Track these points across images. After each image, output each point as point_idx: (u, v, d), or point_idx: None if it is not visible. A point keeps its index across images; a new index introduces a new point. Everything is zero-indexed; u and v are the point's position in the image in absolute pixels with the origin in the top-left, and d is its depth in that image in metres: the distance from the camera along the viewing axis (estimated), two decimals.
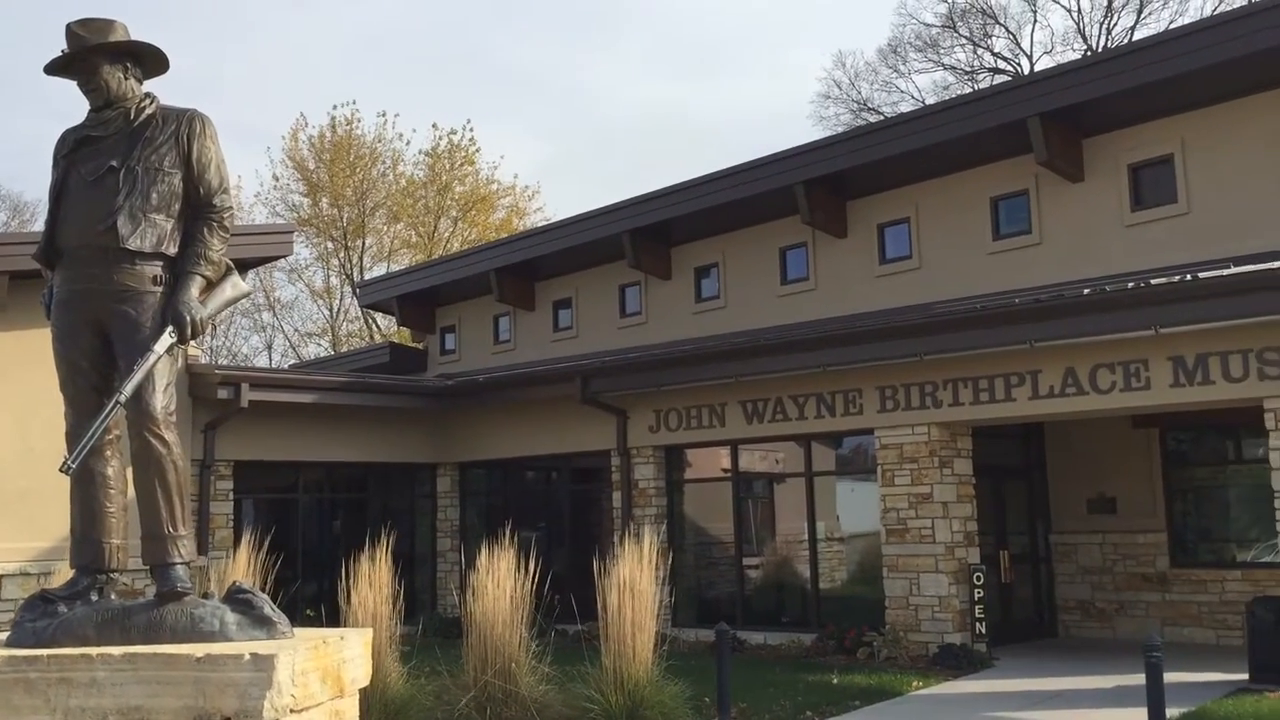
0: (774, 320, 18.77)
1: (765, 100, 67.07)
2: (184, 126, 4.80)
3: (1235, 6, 26.95)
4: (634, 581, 10.36)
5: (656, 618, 10.62)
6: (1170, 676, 11.02)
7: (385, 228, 41.70)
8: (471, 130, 42.50)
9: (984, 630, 13.89)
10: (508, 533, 10.86)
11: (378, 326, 41.53)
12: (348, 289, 41.62)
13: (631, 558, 10.44)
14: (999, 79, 38.12)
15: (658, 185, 20.62)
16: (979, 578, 14.01)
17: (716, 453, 17.39)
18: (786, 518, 16.85)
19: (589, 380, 17.44)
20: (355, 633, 4.77)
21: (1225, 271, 12.03)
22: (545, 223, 34.55)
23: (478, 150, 41.32)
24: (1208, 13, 35.15)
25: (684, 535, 17.74)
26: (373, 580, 10.57)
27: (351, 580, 10.60)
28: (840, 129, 40.39)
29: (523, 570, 10.46)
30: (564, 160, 64.00)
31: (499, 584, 10.38)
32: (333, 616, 11.02)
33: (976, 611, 13.90)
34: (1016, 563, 15.85)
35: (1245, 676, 11.53)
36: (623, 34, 72.59)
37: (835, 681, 12.37)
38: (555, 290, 23.35)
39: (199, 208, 4.80)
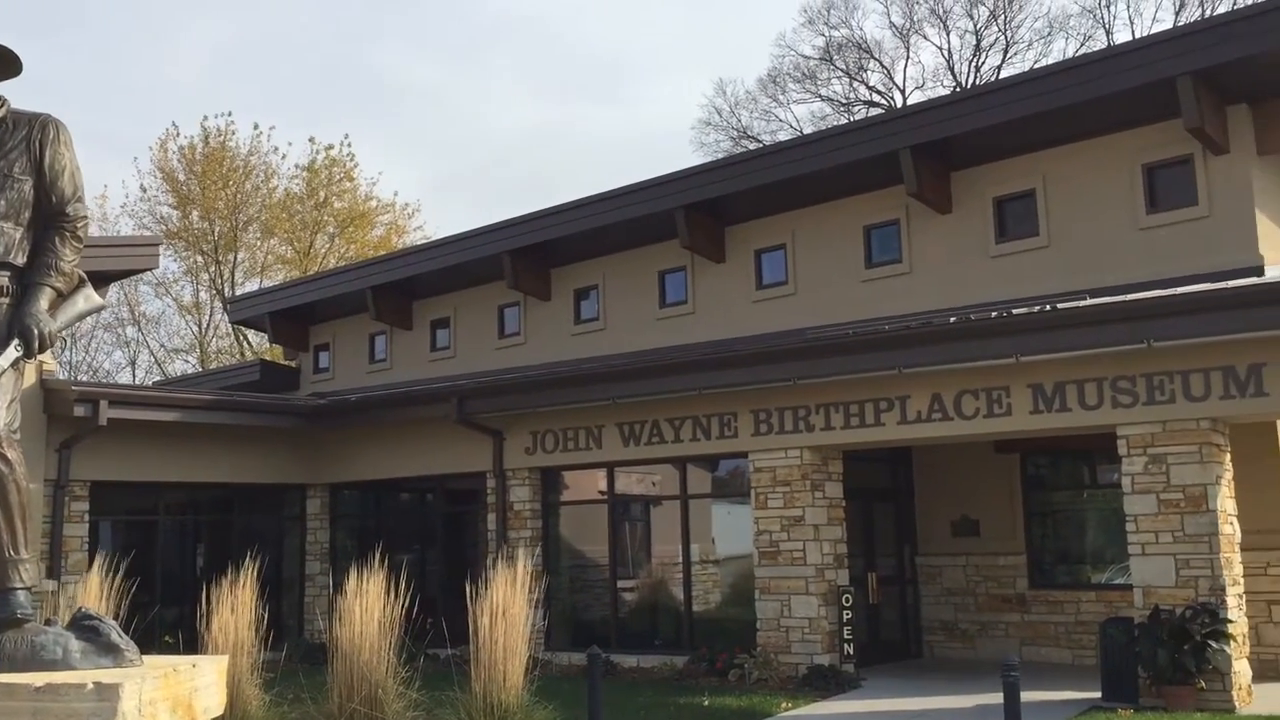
0: (653, 343, 18.88)
1: (648, 125, 67.65)
2: (36, 132, 4.60)
3: (1093, 50, 28.25)
4: (506, 605, 10.29)
5: (529, 641, 10.56)
6: (1028, 695, 11.37)
7: (259, 242, 40.71)
8: (350, 145, 41.72)
9: (852, 651, 14.13)
10: (378, 556, 10.65)
11: (249, 343, 40.46)
12: (218, 304, 40.46)
13: (504, 581, 10.37)
14: (873, 112, 39.17)
15: (540, 206, 20.60)
16: (848, 599, 14.26)
17: (593, 475, 17.37)
18: (663, 540, 16.90)
19: (465, 401, 17.27)
20: (209, 660, 4.60)
21: (1082, 303, 12.55)
22: (425, 241, 34.19)
23: (356, 165, 40.72)
24: (1069, 55, 36.76)
25: (559, 558, 17.66)
26: (235, 605, 10.28)
27: (213, 605, 10.29)
28: (721, 155, 40.96)
29: (393, 594, 10.29)
30: (446, 180, 63.48)
31: (367, 608, 10.19)
32: (192, 643, 10.66)
33: (845, 633, 14.15)
34: (884, 584, 16.18)
35: (1099, 695, 11.95)
36: (496, 54, 72.45)
37: (706, 704, 12.43)
38: (433, 310, 23.09)
39: (51, 216, 4.60)
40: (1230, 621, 11.44)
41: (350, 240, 40.35)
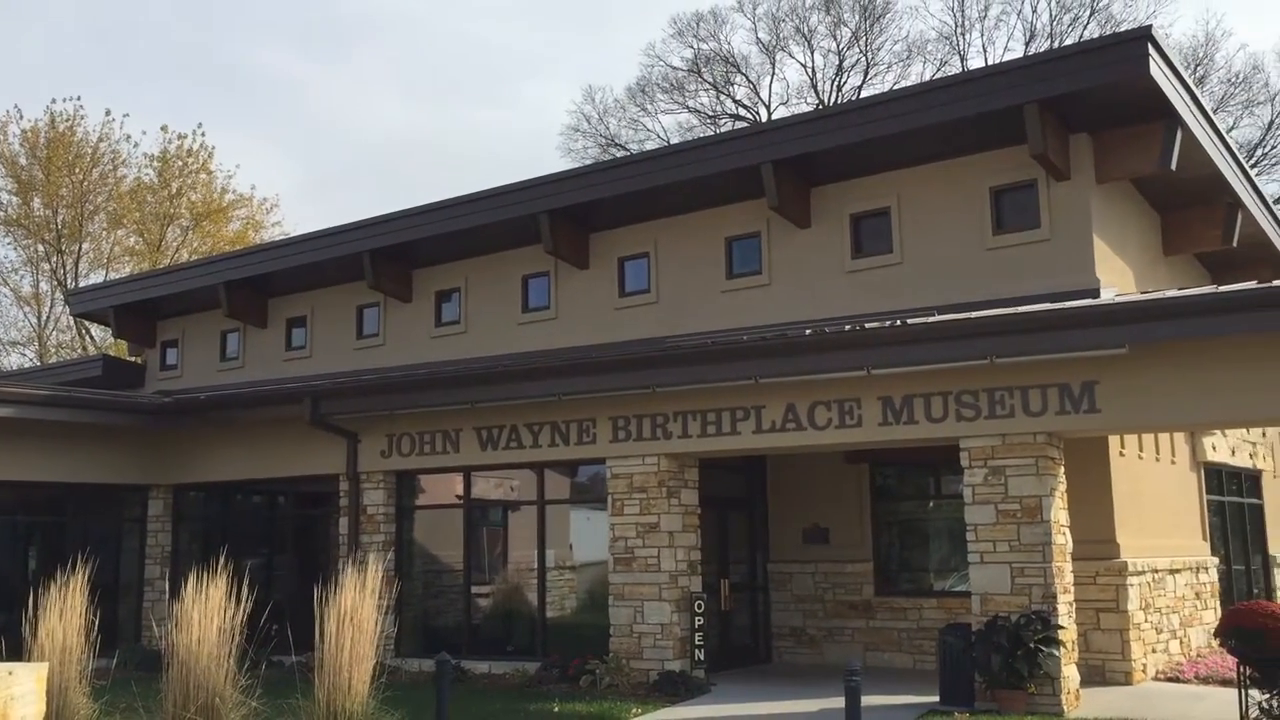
0: (515, 347, 18.79)
1: (515, 129, 67.38)
2: None
3: (947, 75, 29.28)
4: (355, 611, 10.08)
5: (377, 648, 10.36)
6: (870, 699, 11.69)
7: (106, 233, 39.08)
8: (204, 135, 40.36)
9: (702, 657, 14.28)
10: (222, 560, 10.31)
11: (92, 338, 38.80)
12: (59, 296, 38.68)
13: (354, 586, 10.15)
14: (739, 125, 39.82)
15: (406, 206, 20.28)
16: (700, 606, 14.42)
17: (450, 479, 17.18)
18: (520, 546, 16.81)
19: (320, 401, 16.88)
20: (26, 668, 4.40)
21: (930, 319, 12.97)
22: (283, 237, 33.33)
23: (211, 157, 39.45)
24: (926, 78, 38.02)
25: (413, 563, 17.40)
26: (64, 610, 9.82)
27: (40, 610, 9.81)
28: (588, 162, 41.09)
29: (235, 599, 9.97)
30: (309, 177, 62.03)
31: (208, 614, 9.84)
32: (17, 651, 10.12)
33: (697, 639, 14.29)
34: (736, 591, 16.41)
35: (937, 699, 12.34)
36: (358, 51, 71.24)
37: (556, 710, 12.41)
38: (290, 308, 22.52)
39: None
40: (1061, 628, 11.95)
41: (205, 234, 39.08)
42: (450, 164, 66.80)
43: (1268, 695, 11.03)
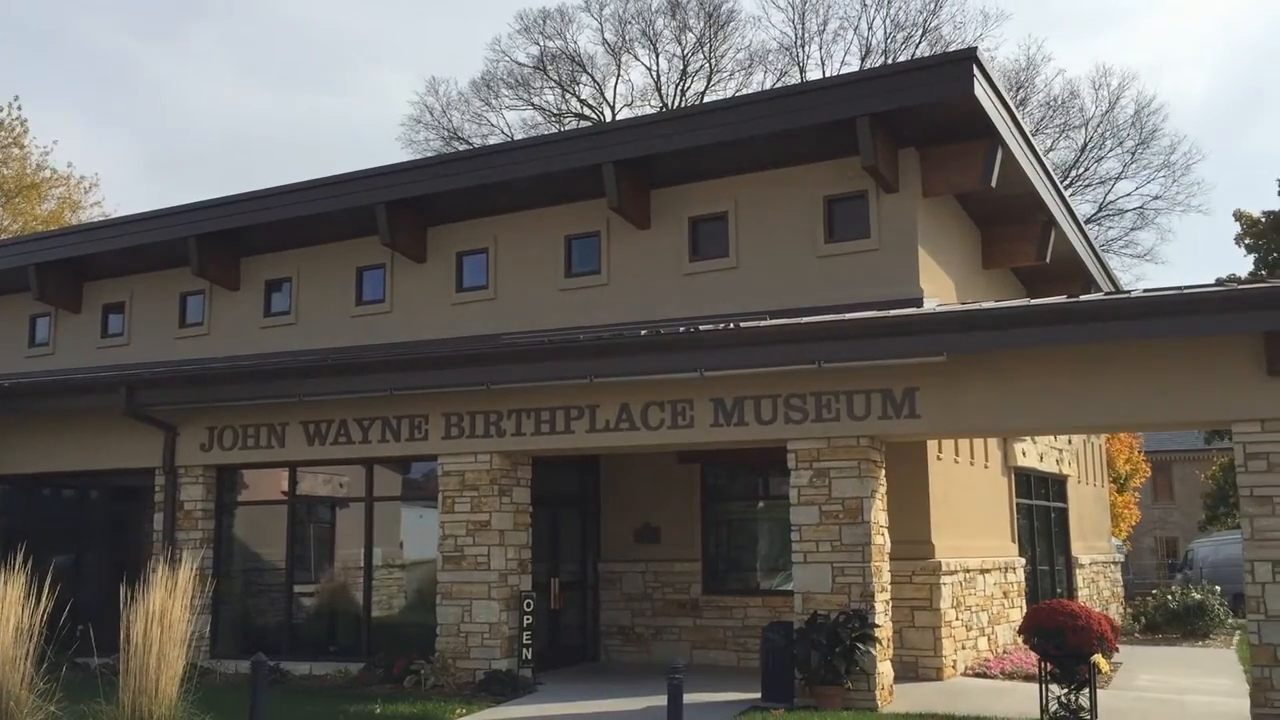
0: (348, 340, 18.36)
1: (356, 117, 65.93)
2: None
3: (785, 85, 29.95)
4: (165, 610, 9.67)
5: (190, 649, 9.96)
6: (694, 697, 11.84)
7: None
8: (20, 108, 38.14)
9: (530, 656, 14.23)
10: (20, 557, 9.75)
11: None
12: None
13: (165, 585, 9.74)
14: (583, 124, 39.87)
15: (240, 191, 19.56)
16: (529, 604, 14.36)
17: (276, 475, 16.66)
18: (347, 544, 16.43)
19: (136, 392, 16.15)
20: None
21: (761, 323, 13.23)
22: (103, 219, 31.78)
23: (25, 130, 37.30)
24: (766, 87, 38.82)
25: (232, 561, 16.81)
26: None
27: None
28: (430, 154, 40.47)
29: (34, 599, 9.45)
30: (148, 159, 59.33)
31: (3, 614, 9.30)
32: None
33: (525, 638, 14.23)
34: (566, 590, 16.40)
35: (759, 695, 12.59)
36: (195, 30, 68.67)
37: (378, 711, 12.16)
38: (107, 293, 21.45)
39: None
40: (877, 626, 12.35)
41: (17, 213, 36.91)
42: (290, 150, 64.90)
43: (1066, 690, 11.64)
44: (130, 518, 18.07)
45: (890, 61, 38.67)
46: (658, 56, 43.13)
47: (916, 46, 41.27)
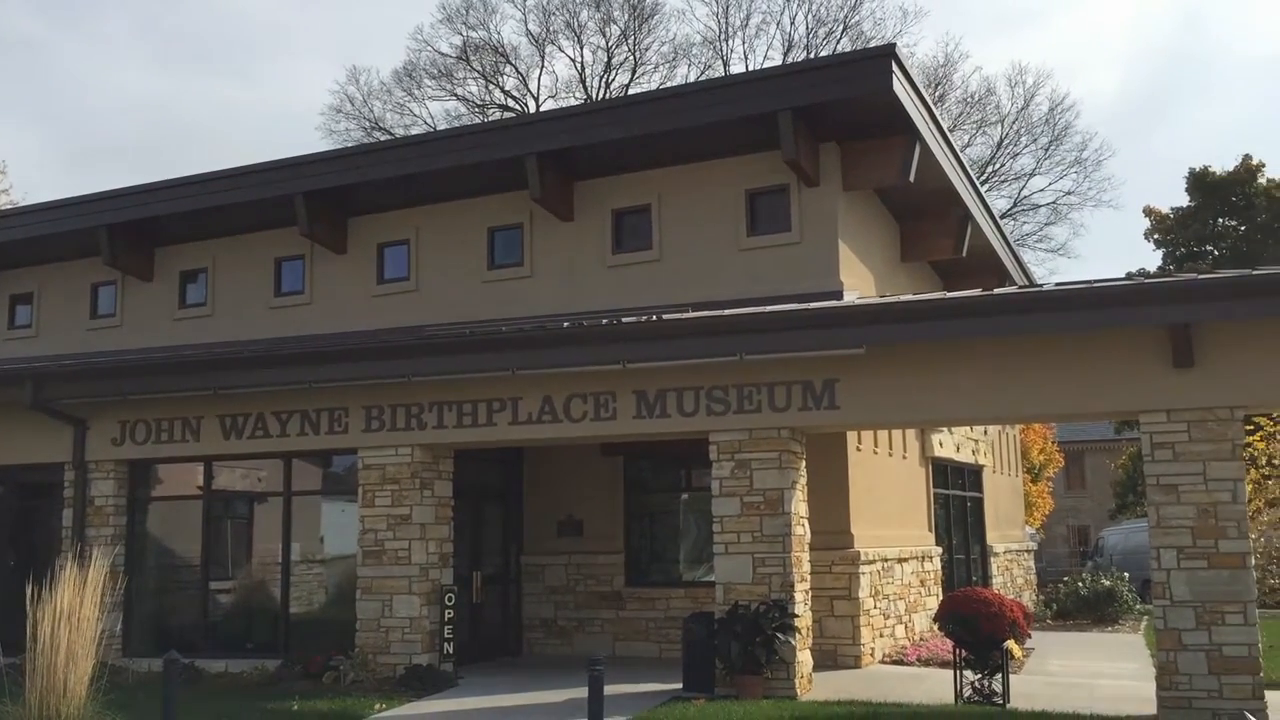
0: (266, 332, 18.06)
1: (275, 107, 64.83)
2: None
3: (709, 79, 30.11)
4: (75, 609, 9.46)
5: (101, 647, 9.77)
6: (616, 689, 11.89)
7: None
8: None
9: (451, 650, 14.15)
10: None
11: None
12: None
13: (74, 582, 9.53)
14: (507, 115, 39.63)
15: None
16: (451, 598, 14.27)
17: (191, 469, 16.35)
18: (266, 539, 16.19)
19: (43, 384, 15.74)
20: None
21: (684, 315, 13.28)
22: (9, 207, 30.86)
23: None
24: (690, 80, 38.94)
25: (146, 557, 16.46)
26: None
27: None
28: (350, 144, 39.93)
29: None
30: (49, 148, 57.72)
31: None
32: None
33: (446, 632, 14.14)
34: (489, 583, 16.32)
35: (680, 686, 12.66)
36: (112, 16, 67.01)
37: (296, 708, 11.99)
38: (14, 284, 20.84)
39: None
40: (796, 616, 12.48)
41: None
42: (209, 140, 63.57)
43: (980, 675, 11.91)
44: (39, 514, 17.59)
45: (812, 57, 39.02)
46: (582, 48, 43.06)
47: (838, 42, 41.75)
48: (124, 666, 14.24)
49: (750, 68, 40.58)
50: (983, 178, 42.80)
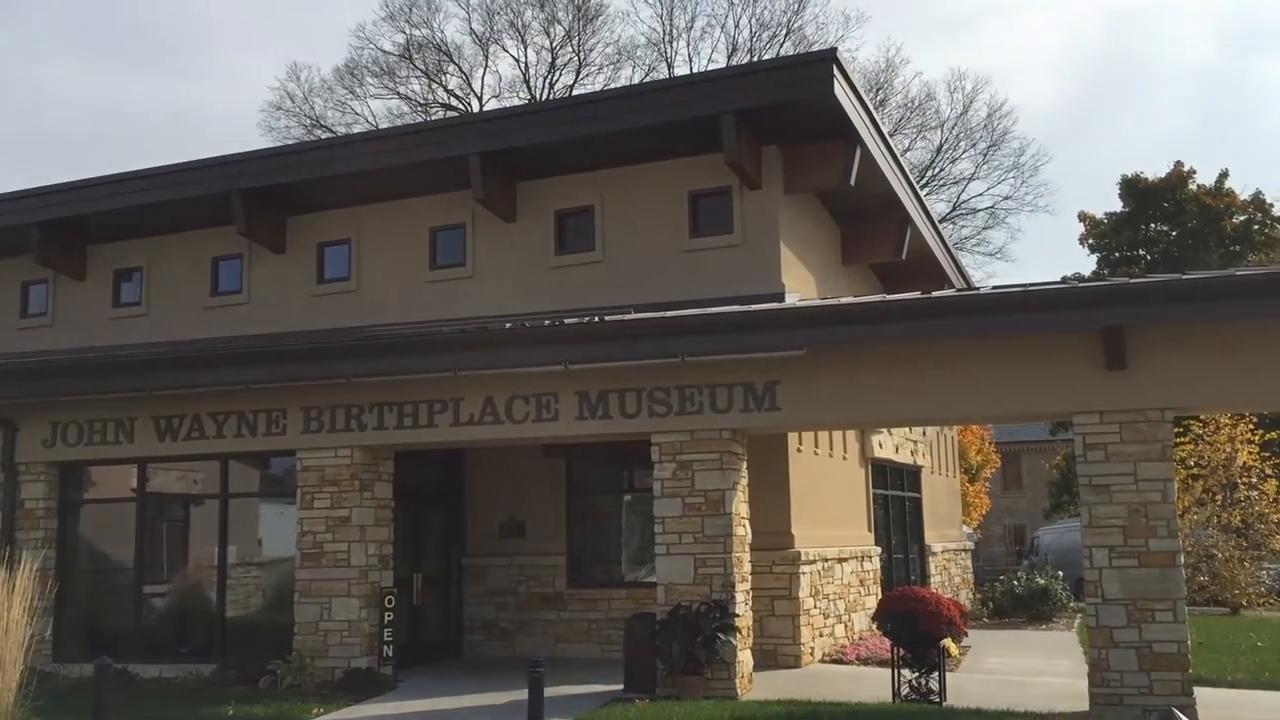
0: (203, 333, 17.81)
1: (214, 103, 63.90)
2: None
3: (653, 80, 30.18)
4: (2, 613, 9.30)
5: (30, 652, 9.58)
6: (557, 690, 11.87)
7: None
8: None
9: (391, 653, 14.04)
10: None
11: None
12: None
13: (3, 587, 9.37)
14: (450, 114, 39.41)
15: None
16: (390, 601, 14.16)
17: (125, 471, 16.05)
18: (202, 542, 15.95)
19: None
20: None
21: (626, 317, 13.29)
22: None
23: None
24: (635, 82, 38.96)
25: (77, 561, 16.15)
26: None
27: None
28: (291, 142, 39.48)
29: None
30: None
31: None
32: None
33: (386, 635, 14.03)
34: (429, 585, 16.22)
35: (621, 687, 12.66)
36: (32, 9, 65.66)
37: (231, 713, 11.83)
38: None
39: None
40: (737, 616, 12.54)
41: None
42: (146, 137, 62.49)
43: (917, 674, 12.05)
44: None
45: (755, 60, 39.24)
46: (526, 48, 42.92)
47: (781, 46, 42.04)
48: (54, 672, 13.96)
49: (694, 70, 40.73)
50: (922, 182, 43.34)
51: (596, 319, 13.36)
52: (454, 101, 42.86)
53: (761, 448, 14.46)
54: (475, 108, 41.58)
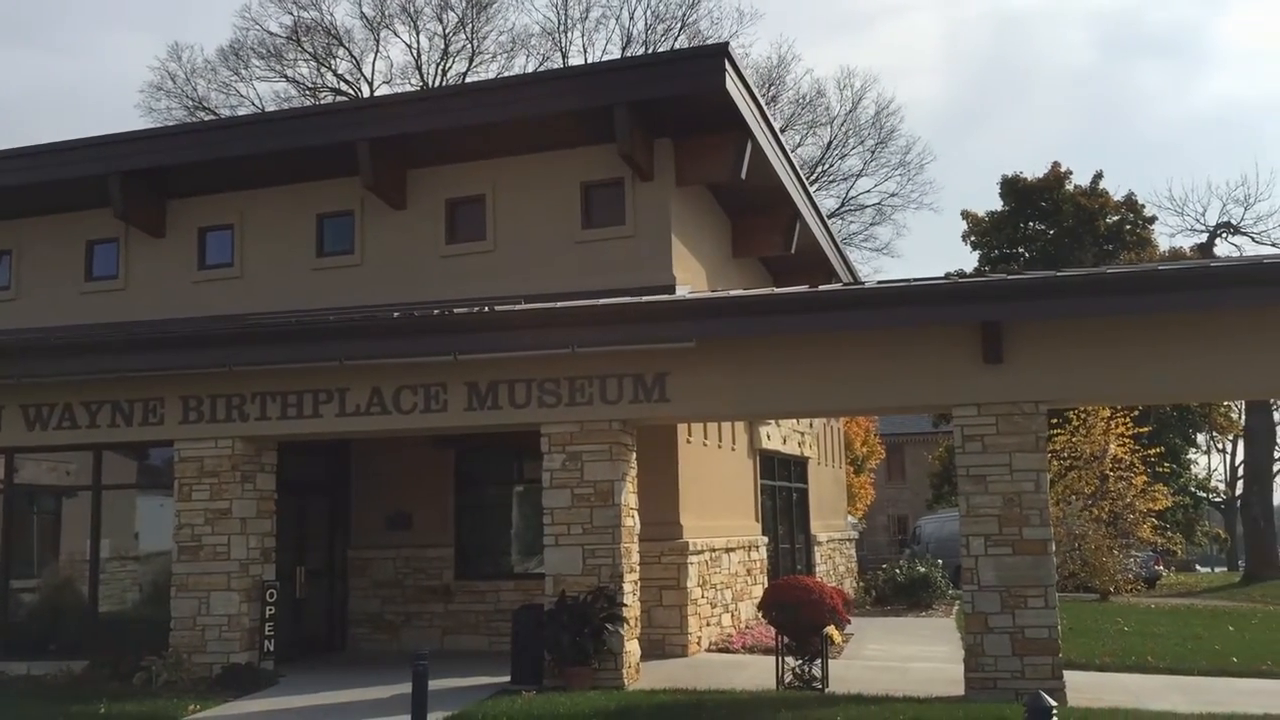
0: (78, 318, 17.24)
1: (91, 82, 61.62)
2: None
3: (546, 70, 30.01)
4: None
5: None
6: (443, 683, 11.77)
7: None
8: None
9: (272, 648, 13.75)
10: None
11: None
12: None
13: None
14: (339, 99, 38.65)
15: None
16: (272, 595, 13.87)
17: None
18: (75, 535, 15.38)
19: None
20: None
21: (516, 307, 13.22)
22: None
23: None
24: (529, 71, 38.72)
25: None
26: None
27: None
28: (172, 124, 38.28)
29: None
30: None
31: None
32: None
33: (267, 629, 13.73)
34: (313, 578, 15.93)
35: (509, 679, 12.61)
36: None
37: (103, 711, 11.45)
38: None
39: None
40: (625, 606, 12.58)
41: None
42: (17, 115, 59.94)
43: (801, 661, 12.25)
44: None
45: (650, 52, 39.32)
46: (418, 34, 42.33)
47: (676, 39, 42.21)
48: None
49: (589, 61, 40.65)
50: (812, 177, 44.00)
51: (487, 309, 13.26)
52: (344, 86, 42.05)
53: (651, 439, 14.52)
54: (365, 93, 40.86)
